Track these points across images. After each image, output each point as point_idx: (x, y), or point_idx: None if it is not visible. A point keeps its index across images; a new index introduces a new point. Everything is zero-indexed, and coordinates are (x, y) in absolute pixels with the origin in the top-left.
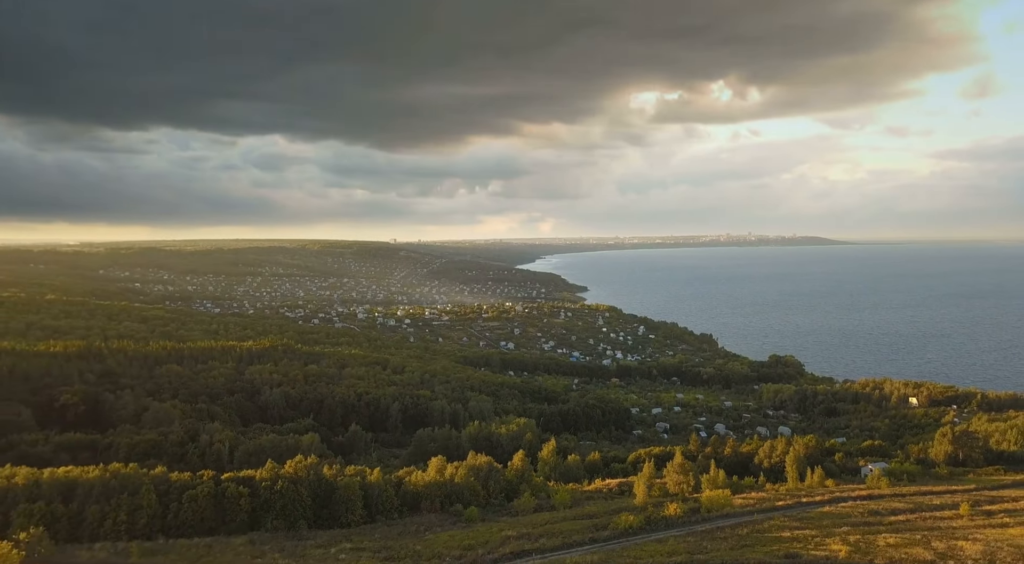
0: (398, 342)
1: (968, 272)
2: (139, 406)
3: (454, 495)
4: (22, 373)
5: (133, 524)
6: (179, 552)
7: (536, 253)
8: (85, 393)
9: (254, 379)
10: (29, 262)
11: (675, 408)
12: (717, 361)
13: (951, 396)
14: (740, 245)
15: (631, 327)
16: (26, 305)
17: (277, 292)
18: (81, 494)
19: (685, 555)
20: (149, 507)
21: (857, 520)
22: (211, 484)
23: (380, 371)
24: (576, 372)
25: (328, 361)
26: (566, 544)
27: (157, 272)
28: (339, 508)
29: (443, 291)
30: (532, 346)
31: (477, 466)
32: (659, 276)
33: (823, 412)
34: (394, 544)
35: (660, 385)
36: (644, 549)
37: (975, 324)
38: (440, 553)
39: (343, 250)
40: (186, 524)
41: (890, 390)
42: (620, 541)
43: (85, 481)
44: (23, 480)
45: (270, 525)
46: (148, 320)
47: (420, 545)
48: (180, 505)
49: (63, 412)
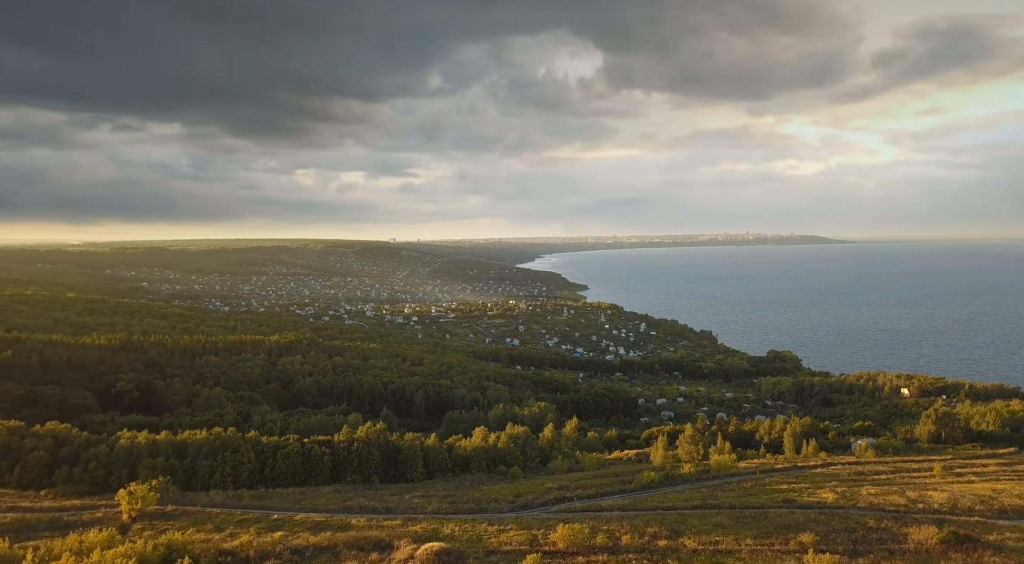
0: (408, 338)
1: (964, 270)
2: (189, 392)
3: (498, 458)
4: (78, 363)
5: (237, 476)
6: (280, 497)
7: (535, 252)
8: (138, 381)
9: (287, 369)
10: (36, 261)
11: (678, 399)
12: (717, 356)
13: (941, 387)
14: (738, 244)
15: (632, 324)
16: (51, 303)
17: (283, 291)
18: (192, 452)
19: (699, 500)
20: (249, 463)
21: (844, 478)
22: (298, 445)
23: (401, 363)
24: (581, 367)
25: (351, 354)
26: (599, 493)
27: (163, 271)
28: (404, 466)
29: (446, 290)
30: (537, 343)
31: (515, 434)
32: (658, 275)
33: (819, 402)
34: (455, 493)
35: (662, 379)
36: (665, 497)
37: (970, 320)
38: (496, 499)
39: (345, 249)
40: (280, 477)
41: (883, 382)
42: (644, 492)
43: (194, 442)
44: (144, 440)
45: (349, 478)
46: (168, 317)
47: (477, 493)
48: (275, 461)
49: (119, 397)
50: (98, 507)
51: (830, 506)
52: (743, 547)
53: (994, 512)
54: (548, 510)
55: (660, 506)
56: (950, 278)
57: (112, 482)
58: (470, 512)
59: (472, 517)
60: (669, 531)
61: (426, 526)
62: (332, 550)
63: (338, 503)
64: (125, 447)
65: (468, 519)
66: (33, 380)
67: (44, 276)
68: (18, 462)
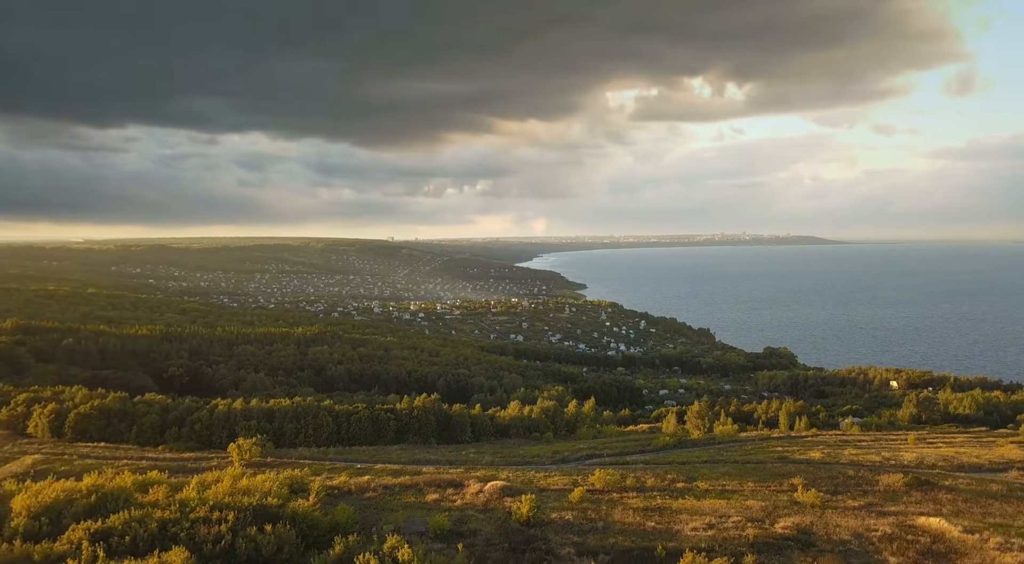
0: (417, 333)
1: (962, 271)
2: (235, 377)
3: (532, 426)
4: (131, 350)
5: (318, 437)
6: (357, 453)
7: (533, 251)
8: (187, 366)
9: (317, 358)
10: (42, 258)
11: (679, 390)
12: (715, 353)
13: (927, 380)
14: (735, 244)
15: (632, 322)
16: (74, 298)
17: (287, 288)
18: (279, 417)
19: (708, 457)
20: (327, 426)
21: (831, 443)
22: (367, 411)
23: (420, 354)
24: (584, 361)
25: (373, 345)
26: (623, 452)
27: (168, 269)
28: (455, 430)
29: (447, 288)
30: (540, 339)
31: (546, 407)
32: (656, 274)
33: (813, 394)
34: (501, 451)
35: (663, 373)
36: (679, 455)
37: (963, 320)
38: (538, 455)
39: (346, 248)
40: (354, 437)
41: (873, 375)
42: (660, 452)
43: (279, 408)
44: (240, 407)
45: (411, 439)
46: (187, 312)
47: (521, 451)
48: (349, 424)
49: (171, 381)
50: (211, 458)
51: (817, 462)
52: (745, 488)
53: (953, 467)
54: (582, 463)
55: (676, 461)
56: (948, 278)
57: (214, 440)
58: (518, 464)
59: (520, 467)
60: (685, 477)
61: (484, 473)
62: (415, 487)
63: (407, 457)
64: (223, 412)
65: (518, 469)
66: (93, 365)
67: (54, 273)
68: (134, 424)
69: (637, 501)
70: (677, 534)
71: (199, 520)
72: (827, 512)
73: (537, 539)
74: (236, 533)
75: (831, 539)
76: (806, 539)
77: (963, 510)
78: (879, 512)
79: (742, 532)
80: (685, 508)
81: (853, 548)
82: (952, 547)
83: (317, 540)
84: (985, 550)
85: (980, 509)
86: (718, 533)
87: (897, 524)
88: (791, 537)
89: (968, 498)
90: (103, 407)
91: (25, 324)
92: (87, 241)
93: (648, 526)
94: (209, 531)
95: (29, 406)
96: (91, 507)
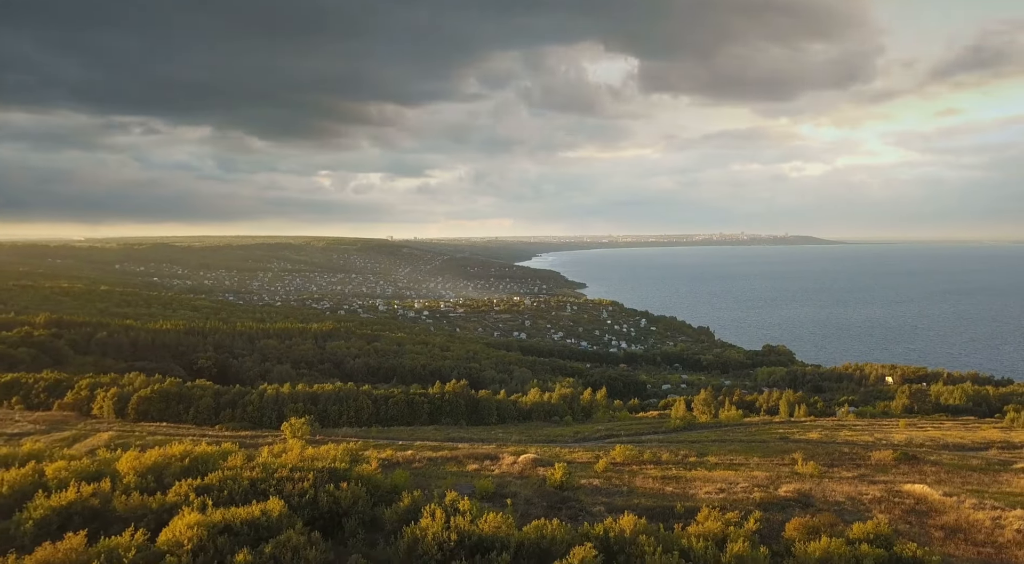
0: (423, 330)
1: (960, 271)
2: (261, 369)
3: (551, 411)
4: (160, 343)
5: (359, 418)
6: (396, 432)
7: (532, 250)
8: (215, 359)
9: (335, 352)
10: (46, 257)
11: (682, 385)
12: (715, 350)
13: (921, 375)
14: (733, 244)
15: (633, 320)
16: (88, 295)
17: (291, 286)
18: (323, 400)
19: (716, 437)
20: (367, 408)
21: (828, 427)
22: (403, 395)
23: (431, 349)
24: (587, 358)
25: (386, 340)
26: (638, 432)
27: (171, 267)
28: (482, 413)
29: (448, 287)
30: (543, 337)
31: (564, 394)
32: (655, 274)
33: (810, 389)
34: (526, 431)
35: (664, 369)
36: (689, 435)
37: (959, 318)
38: (560, 434)
39: (348, 246)
40: (391, 418)
41: (869, 371)
42: (672, 433)
43: (323, 392)
44: (287, 390)
45: (443, 421)
46: (199, 309)
47: (544, 431)
48: (387, 407)
49: (200, 373)
50: (266, 435)
51: (816, 441)
52: (751, 461)
53: (938, 446)
54: (602, 442)
55: (687, 440)
56: (946, 278)
57: (264, 421)
58: (543, 442)
59: (546, 444)
60: (696, 453)
61: (515, 448)
62: (455, 459)
63: (442, 435)
64: (272, 395)
65: (544, 445)
66: (126, 357)
67: (62, 270)
68: (191, 406)
69: (655, 471)
70: (693, 497)
71: (283, 478)
72: (824, 480)
73: (571, 500)
74: (317, 489)
75: (827, 501)
76: (805, 501)
77: (945, 479)
78: (870, 481)
79: (749, 495)
80: (698, 477)
81: (847, 508)
82: (932, 507)
83: (381, 498)
84: (961, 509)
85: (960, 479)
86: (728, 496)
87: (886, 489)
88: (792, 499)
89: (950, 470)
90: (163, 391)
91: (57, 318)
92: (89, 239)
93: (667, 490)
94: (294, 487)
95: (92, 390)
96: (186, 469)
